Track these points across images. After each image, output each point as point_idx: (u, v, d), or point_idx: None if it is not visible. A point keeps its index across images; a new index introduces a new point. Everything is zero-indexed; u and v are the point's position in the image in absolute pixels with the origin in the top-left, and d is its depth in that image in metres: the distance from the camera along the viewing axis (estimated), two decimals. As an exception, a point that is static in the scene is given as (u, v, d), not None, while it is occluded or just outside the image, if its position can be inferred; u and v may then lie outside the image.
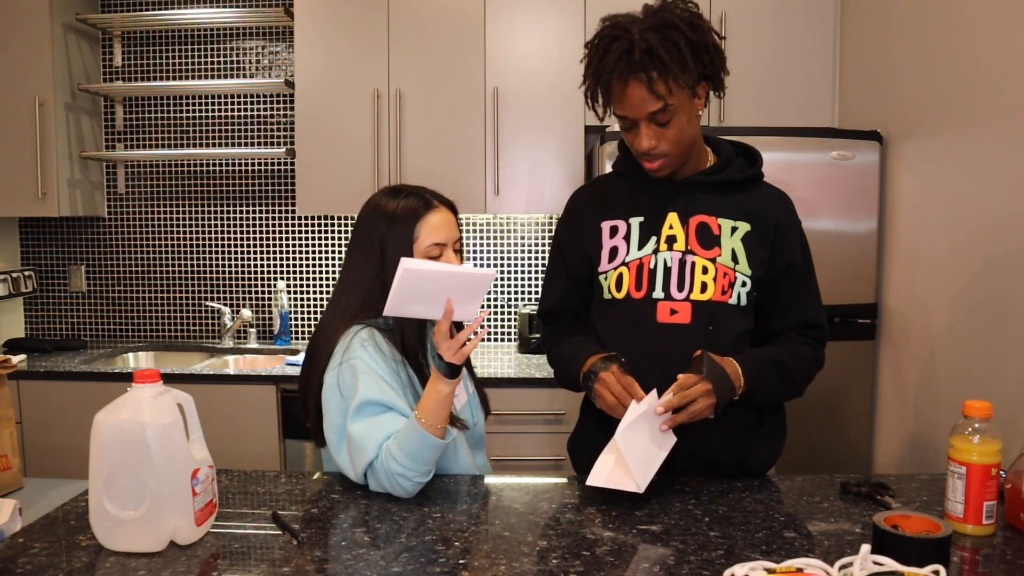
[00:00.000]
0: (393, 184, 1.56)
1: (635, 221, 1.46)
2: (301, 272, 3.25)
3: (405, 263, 1.24)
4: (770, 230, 1.44)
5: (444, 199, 1.48)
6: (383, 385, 1.35)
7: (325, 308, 1.49)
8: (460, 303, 1.29)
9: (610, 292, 1.46)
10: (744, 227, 1.43)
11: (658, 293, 1.42)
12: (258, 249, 3.26)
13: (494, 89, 2.79)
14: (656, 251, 1.43)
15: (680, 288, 1.41)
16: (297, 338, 3.25)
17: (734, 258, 1.42)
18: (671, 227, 1.43)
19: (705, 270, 1.41)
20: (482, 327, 1.34)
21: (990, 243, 1.89)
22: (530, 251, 3.18)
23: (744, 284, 1.42)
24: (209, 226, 3.26)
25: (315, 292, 3.25)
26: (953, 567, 1.08)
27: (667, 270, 1.42)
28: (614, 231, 1.47)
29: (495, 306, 3.19)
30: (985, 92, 1.91)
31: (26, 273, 3.23)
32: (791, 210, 1.49)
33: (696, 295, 1.41)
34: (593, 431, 1.53)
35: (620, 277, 1.44)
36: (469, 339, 1.30)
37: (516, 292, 3.19)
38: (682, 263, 1.42)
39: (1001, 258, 1.85)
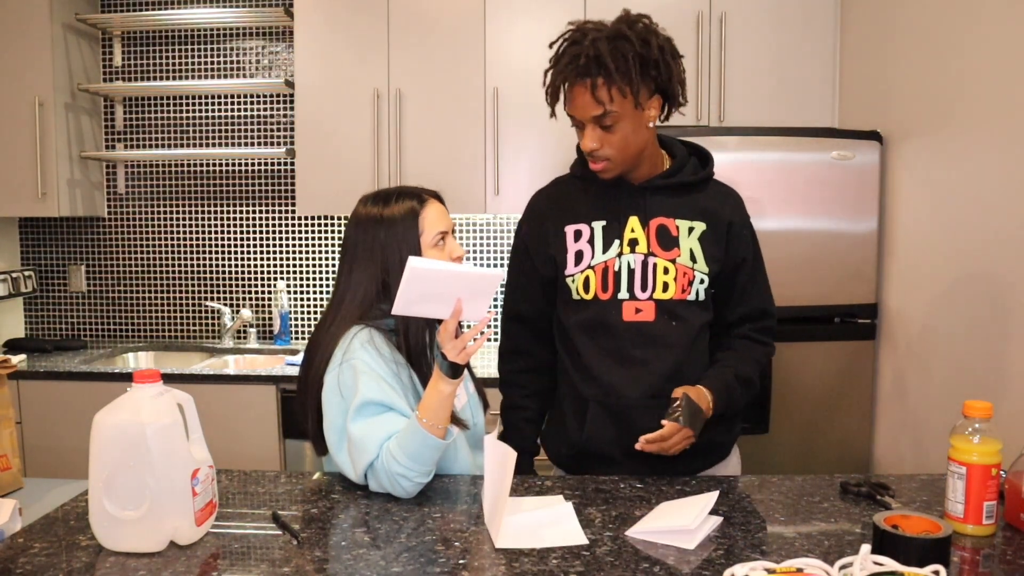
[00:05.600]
0: (371, 192, 1.51)
1: (597, 225, 1.52)
2: (301, 272, 3.25)
3: (413, 262, 1.24)
4: (723, 229, 1.53)
5: (431, 191, 1.51)
6: (383, 385, 1.35)
7: (323, 313, 1.49)
8: (468, 303, 1.30)
9: (578, 293, 1.53)
10: (700, 227, 1.51)
11: (623, 294, 1.50)
12: (258, 249, 3.25)
13: (494, 89, 2.79)
14: (620, 254, 1.50)
15: (644, 288, 1.49)
16: (297, 338, 3.25)
17: (692, 258, 1.50)
18: (633, 230, 1.50)
19: (666, 270, 1.49)
20: (489, 327, 1.35)
21: (990, 243, 1.89)
22: (530, 251, 3.17)
23: (702, 281, 1.51)
24: (209, 226, 3.26)
25: (315, 292, 3.25)
26: (953, 567, 1.08)
27: (631, 272, 1.49)
28: (578, 235, 1.53)
29: (494, 306, 3.18)
30: (985, 92, 1.91)
31: (26, 273, 3.23)
32: (742, 208, 1.58)
33: (659, 294, 1.49)
34: (566, 420, 1.58)
35: (587, 280, 1.51)
36: (475, 339, 1.31)
37: (516, 292, 3.18)
38: (644, 265, 1.49)
39: (1001, 258, 1.85)
